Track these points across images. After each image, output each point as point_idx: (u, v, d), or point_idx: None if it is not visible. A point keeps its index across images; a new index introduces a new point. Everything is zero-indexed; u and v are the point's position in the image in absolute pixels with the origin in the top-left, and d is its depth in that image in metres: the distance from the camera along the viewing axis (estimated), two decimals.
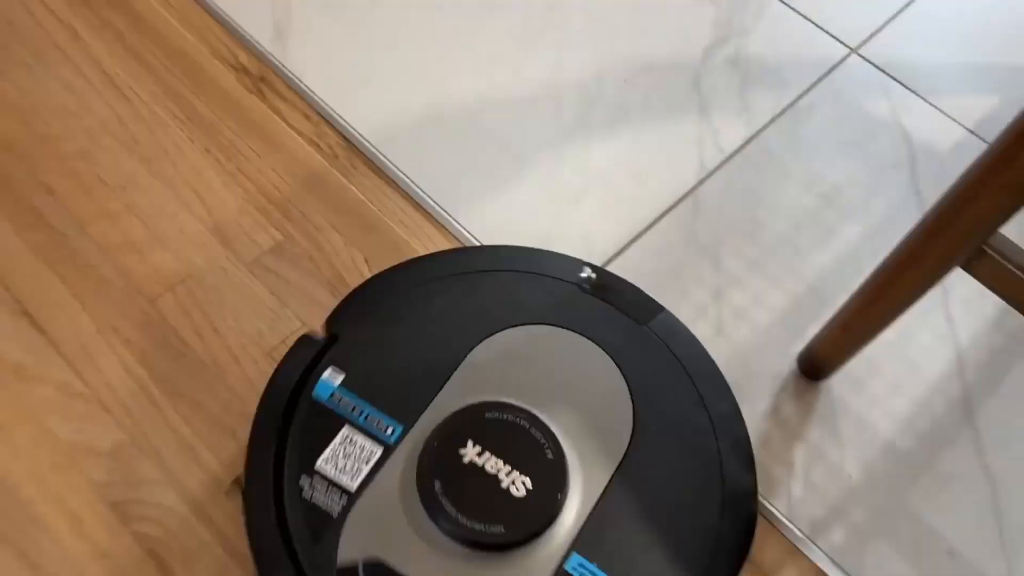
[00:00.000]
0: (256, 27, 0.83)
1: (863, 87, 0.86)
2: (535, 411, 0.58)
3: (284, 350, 0.63)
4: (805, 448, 0.67)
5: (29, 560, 0.58)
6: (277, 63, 0.81)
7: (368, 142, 0.78)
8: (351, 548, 0.53)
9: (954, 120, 0.84)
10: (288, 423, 0.57)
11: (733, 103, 0.84)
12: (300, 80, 0.81)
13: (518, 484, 0.55)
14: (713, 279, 0.74)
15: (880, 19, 0.91)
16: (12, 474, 0.61)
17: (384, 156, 0.77)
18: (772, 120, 0.83)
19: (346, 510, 0.55)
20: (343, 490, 0.55)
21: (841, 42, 0.89)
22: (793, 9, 0.91)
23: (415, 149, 0.78)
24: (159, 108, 0.78)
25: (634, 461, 0.58)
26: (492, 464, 0.55)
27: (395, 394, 0.58)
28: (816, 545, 0.63)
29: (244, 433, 0.62)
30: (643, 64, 0.86)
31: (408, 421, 0.57)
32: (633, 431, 0.59)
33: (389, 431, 0.57)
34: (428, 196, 0.76)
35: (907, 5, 0.93)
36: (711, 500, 0.58)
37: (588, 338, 0.62)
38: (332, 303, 0.63)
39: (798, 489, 0.65)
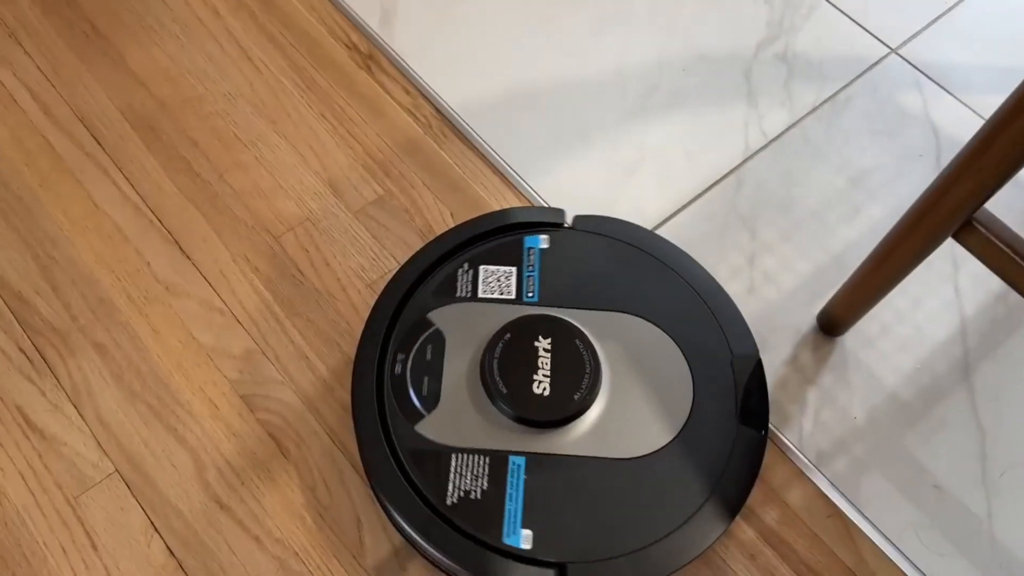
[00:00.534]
0: (367, 12, 0.97)
1: (899, 84, 0.96)
2: (608, 373, 0.71)
3: (382, 284, 0.76)
4: (817, 392, 0.78)
5: (177, 434, 0.73)
6: (383, 44, 0.95)
7: (457, 114, 0.91)
8: (439, 318, 0.73)
9: (981, 116, 0.93)
10: (495, 236, 0.77)
11: (778, 93, 0.95)
12: (402, 59, 0.94)
13: (542, 387, 0.69)
14: (749, 246, 0.85)
15: (920, 23, 1.00)
16: (164, 368, 0.76)
17: (470, 127, 0.90)
18: (812, 110, 0.94)
19: (460, 299, 0.74)
20: (474, 291, 0.74)
21: (882, 42, 0.99)
22: (841, 11, 1.01)
23: (496, 122, 0.91)
24: (284, 78, 0.92)
25: (637, 464, 0.68)
26: (543, 362, 0.69)
27: (554, 286, 0.75)
28: (820, 472, 0.75)
29: (349, 347, 0.77)
30: (700, 55, 0.97)
31: (543, 303, 0.74)
32: (661, 451, 0.69)
33: (530, 295, 0.74)
34: (505, 162, 0.88)
35: (947, 11, 1.01)
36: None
37: (694, 389, 0.71)
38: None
39: (808, 425, 0.77)
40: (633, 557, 0.65)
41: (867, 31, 1.00)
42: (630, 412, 0.70)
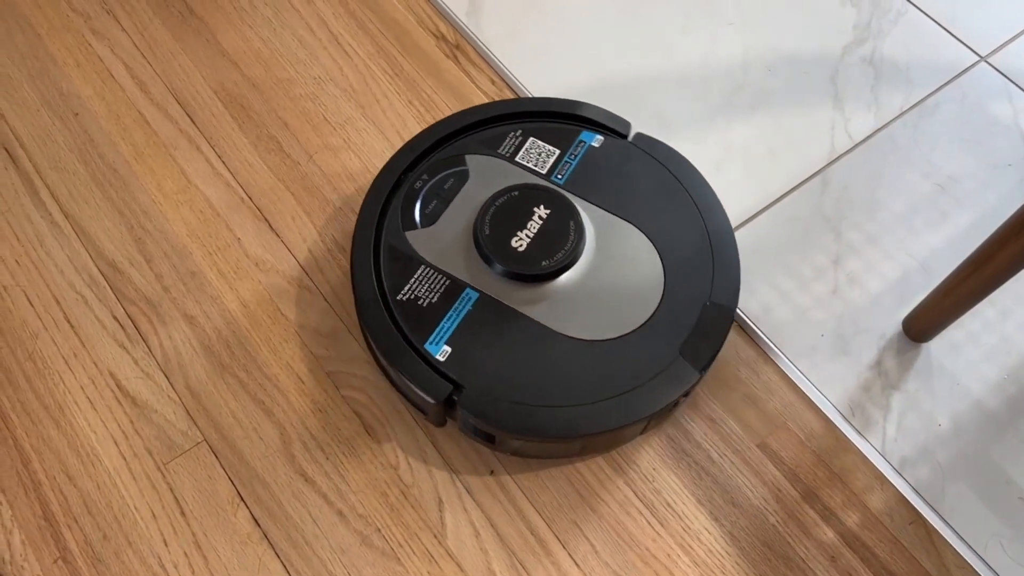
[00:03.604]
0: (454, 2, 0.97)
1: (988, 92, 0.95)
2: (586, 260, 0.74)
3: None
4: (902, 397, 0.77)
5: (264, 407, 0.74)
6: (470, 34, 0.96)
7: None
8: (472, 162, 0.79)
9: None
10: (559, 119, 0.83)
11: (865, 97, 0.94)
12: (488, 50, 0.95)
13: (520, 244, 0.74)
14: (834, 247, 0.85)
15: (1011, 31, 0.99)
16: (252, 341, 0.77)
17: None
18: (899, 115, 0.93)
19: (499, 156, 0.79)
20: (514, 154, 0.80)
21: (972, 50, 0.98)
22: (929, 17, 1.00)
23: None
24: (373, 64, 0.93)
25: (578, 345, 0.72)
26: (532, 226, 0.74)
27: (584, 179, 0.79)
28: (903, 477, 0.74)
29: None
30: (787, 56, 0.97)
31: (566, 187, 0.79)
32: (605, 342, 0.72)
33: (559, 176, 0.79)
34: None
35: None
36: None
37: (658, 307, 0.73)
38: None
39: (892, 429, 0.76)
40: (526, 406, 0.68)
41: (956, 38, 0.99)
42: (590, 302, 0.73)
